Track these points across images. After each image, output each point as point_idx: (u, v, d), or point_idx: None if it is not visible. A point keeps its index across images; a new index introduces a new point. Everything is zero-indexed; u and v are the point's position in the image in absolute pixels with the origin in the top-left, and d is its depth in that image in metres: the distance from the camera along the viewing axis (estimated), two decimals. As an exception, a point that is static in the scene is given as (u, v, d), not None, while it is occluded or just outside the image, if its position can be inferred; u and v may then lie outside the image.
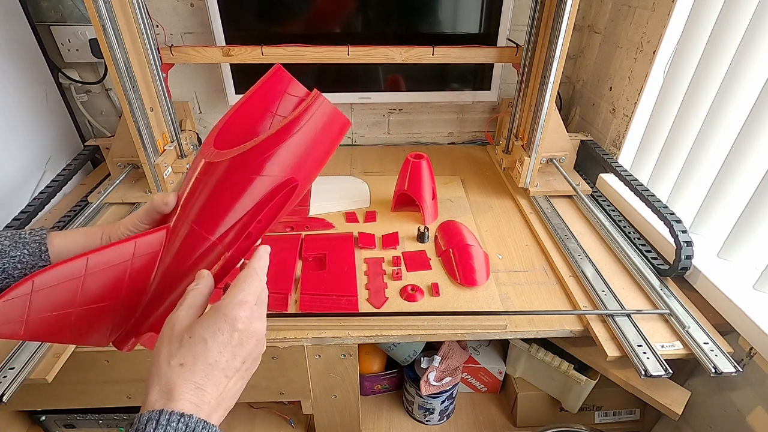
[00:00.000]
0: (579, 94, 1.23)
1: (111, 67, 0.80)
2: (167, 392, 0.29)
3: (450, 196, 0.99)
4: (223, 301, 0.33)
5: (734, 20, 0.71)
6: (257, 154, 0.33)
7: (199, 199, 0.35)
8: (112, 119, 1.22)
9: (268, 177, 0.33)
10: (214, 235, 0.35)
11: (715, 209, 0.77)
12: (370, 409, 0.98)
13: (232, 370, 0.32)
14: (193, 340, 0.31)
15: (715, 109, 0.75)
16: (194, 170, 0.35)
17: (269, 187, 0.33)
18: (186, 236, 0.35)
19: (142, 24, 0.84)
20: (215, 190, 0.34)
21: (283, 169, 0.33)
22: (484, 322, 0.68)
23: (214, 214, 0.34)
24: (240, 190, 0.33)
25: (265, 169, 0.33)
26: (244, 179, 0.33)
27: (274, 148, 0.33)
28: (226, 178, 0.33)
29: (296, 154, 0.33)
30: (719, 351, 0.61)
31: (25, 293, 0.33)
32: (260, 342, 0.34)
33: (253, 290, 0.34)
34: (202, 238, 0.35)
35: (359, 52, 0.96)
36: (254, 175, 0.33)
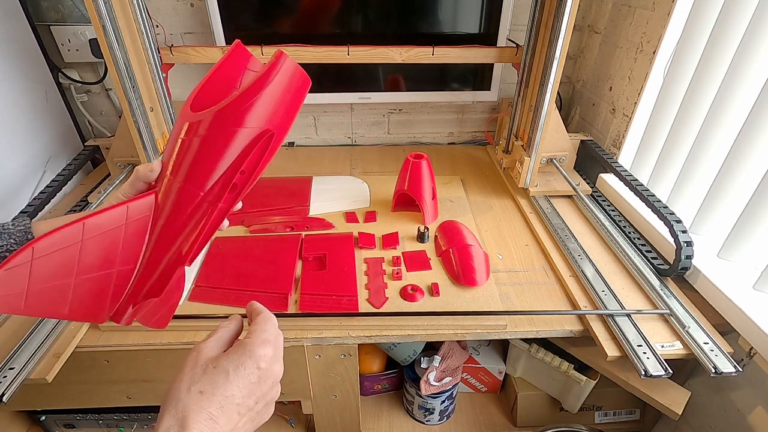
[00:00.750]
0: (579, 94, 1.23)
1: (111, 67, 0.80)
2: (181, 419, 0.29)
3: (450, 196, 0.99)
4: (248, 340, 0.34)
5: (734, 20, 0.71)
6: (237, 106, 0.36)
7: (186, 159, 0.37)
8: (112, 119, 1.22)
9: (247, 129, 0.36)
10: (203, 190, 0.37)
11: (715, 209, 0.77)
12: (370, 409, 0.98)
13: (246, 408, 0.32)
14: (216, 370, 0.32)
15: (715, 109, 0.75)
16: (177, 135, 0.38)
17: (249, 138, 0.37)
18: (177, 195, 0.37)
19: (142, 24, 0.84)
20: (201, 147, 0.37)
21: (260, 120, 0.37)
22: (484, 322, 0.68)
23: (202, 169, 0.37)
24: (224, 143, 0.36)
25: (245, 122, 0.36)
26: (226, 133, 0.36)
27: (251, 99, 0.36)
28: (210, 134, 0.36)
29: (270, 106, 0.37)
30: (719, 351, 0.61)
31: (25, 261, 0.32)
32: (275, 385, 0.35)
33: (273, 332, 0.36)
34: (192, 194, 0.37)
35: (359, 52, 0.96)
36: (236, 127, 0.36)
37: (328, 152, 1.24)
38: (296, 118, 0.40)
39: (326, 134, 1.30)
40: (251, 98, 0.36)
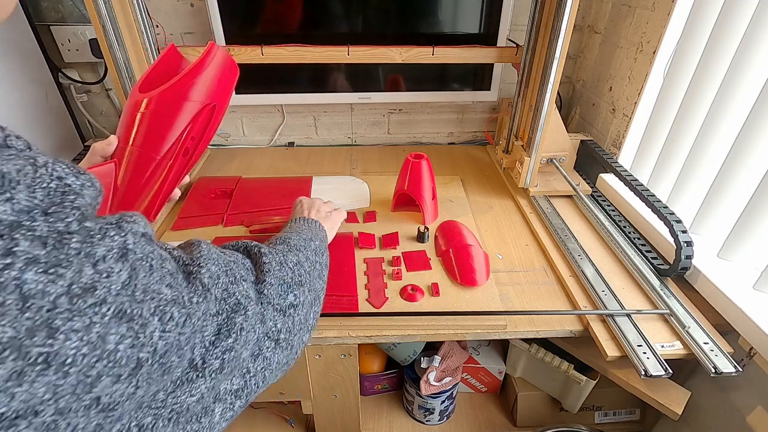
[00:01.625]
0: (579, 94, 1.23)
1: (111, 67, 0.80)
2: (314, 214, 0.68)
3: (450, 196, 0.99)
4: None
5: (734, 20, 0.71)
6: (184, 83, 0.45)
7: (143, 129, 0.44)
8: (112, 119, 1.22)
9: (193, 102, 0.45)
10: (159, 154, 0.44)
11: (715, 209, 0.77)
12: (370, 409, 0.98)
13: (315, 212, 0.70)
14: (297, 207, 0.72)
15: (715, 109, 0.75)
16: (132, 111, 0.44)
17: (195, 110, 0.45)
18: (136, 160, 0.44)
19: (142, 24, 0.84)
20: (156, 118, 0.44)
21: (202, 95, 0.46)
22: (484, 322, 0.68)
23: (157, 137, 0.44)
24: (175, 113, 0.44)
25: (190, 95, 0.45)
26: (177, 105, 0.44)
27: (195, 77, 0.45)
28: (163, 106, 0.44)
29: (209, 84, 0.46)
30: (719, 351, 0.61)
31: None
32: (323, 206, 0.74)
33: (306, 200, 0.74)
34: (150, 159, 0.44)
35: (359, 52, 0.96)
36: (183, 101, 0.44)
37: (328, 152, 1.24)
38: (295, 118, 0.50)
39: (326, 134, 1.30)
40: (195, 76, 0.45)
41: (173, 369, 0.26)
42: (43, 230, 0.20)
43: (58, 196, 0.21)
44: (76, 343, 0.20)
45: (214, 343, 0.29)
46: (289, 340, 0.38)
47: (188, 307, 0.27)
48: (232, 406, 0.33)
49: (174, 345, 0.25)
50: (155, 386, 0.26)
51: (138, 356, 0.23)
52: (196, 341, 0.28)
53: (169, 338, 0.25)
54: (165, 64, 0.48)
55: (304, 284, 0.42)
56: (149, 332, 0.24)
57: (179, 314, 0.26)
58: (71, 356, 0.20)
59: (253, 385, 0.35)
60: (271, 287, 0.38)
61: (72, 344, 0.20)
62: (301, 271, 0.43)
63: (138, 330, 0.23)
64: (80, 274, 0.20)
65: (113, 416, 0.23)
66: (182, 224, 0.87)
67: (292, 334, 0.38)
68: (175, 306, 0.26)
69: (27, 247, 0.19)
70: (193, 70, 0.45)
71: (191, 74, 0.45)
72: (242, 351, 0.32)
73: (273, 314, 0.37)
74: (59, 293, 0.19)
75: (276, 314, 0.37)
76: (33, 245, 0.19)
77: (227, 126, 1.26)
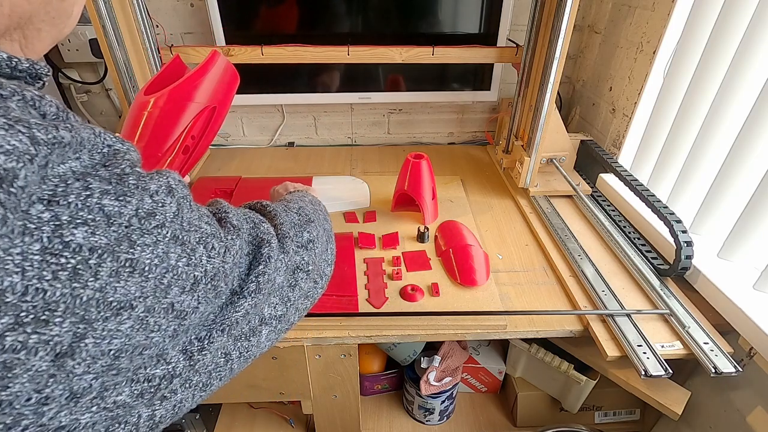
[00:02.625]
0: (579, 94, 1.23)
1: (111, 67, 0.80)
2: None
3: (450, 196, 0.99)
4: None
5: (734, 20, 0.71)
6: (188, 84, 0.48)
7: (146, 128, 0.46)
8: (112, 119, 1.22)
9: (195, 103, 0.48)
10: (162, 152, 0.47)
11: (715, 209, 0.77)
12: (370, 409, 0.98)
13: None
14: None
15: (715, 109, 0.75)
16: (138, 112, 0.47)
17: (197, 111, 0.48)
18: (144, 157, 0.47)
19: (142, 24, 0.84)
20: (159, 117, 0.47)
21: (205, 97, 0.49)
22: (484, 322, 0.68)
23: (160, 135, 0.47)
24: (178, 113, 0.47)
25: (194, 97, 0.48)
26: (181, 105, 0.47)
27: (199, 80, 0.49)
28: (167, 106, 0.47)
29: (211, 88, 0.49)
30: (719, 351, 0.61)
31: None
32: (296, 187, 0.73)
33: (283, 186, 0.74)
34: (153, 157, 0.47)
35: (359, 52, 0.97)
36: (187, 101, 0.48)
37: (328, 152, 1.24)
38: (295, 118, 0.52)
39: (326, 134, 1.30)
40: (198, 79, 0.48)
41: (221, 294, 0.32)
42: (105, 174, 0.25)
43: (111, 155, 0.27)
44: (149, 255, 0.26)
45: (248, 273, 0.36)
46: (316, 270, 0.46)
47: (225, 241, 0.33)
48: (276, 329, 0.40)
49: (220, 271, 0.31)
50: (210, 306, 0.31)
51: (194, 274, 0.29)
52: (235, 274, 0.34)
53: (215, 263, 0.31)
54: (169, 73, 0.51)
55: (312, 221, 0.49)
56: (198, 256, 0.29)
57: (219, 245, 0.32)
58: (147, 264, 0.26)
59: (293, 312, 0.42)
60: (283, 226, 0.44)
61: (146, 255, 0.25)
62: (305, 212, 0.50)
63: (190, 253, 0.29)
64: (142, 202, 0.26)
65: (184, 325, 0.29)
66: None
67: (317, 265, 0.46)
68: (215, 239, 0.31)
69: (98, 184, 0.24)
70: (197, 73, 0.48)
71: (195, 77, 0.48)
72: (275, 275, 0.38)
73: (296, 248, 0.44)
74: (131, 214, 0.25)
75: (300, 249, 0.44)
76: (102, 183, 0.24)
77: (227, 126, 1.26)
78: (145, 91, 0.49)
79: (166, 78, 0.50)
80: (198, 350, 0.31)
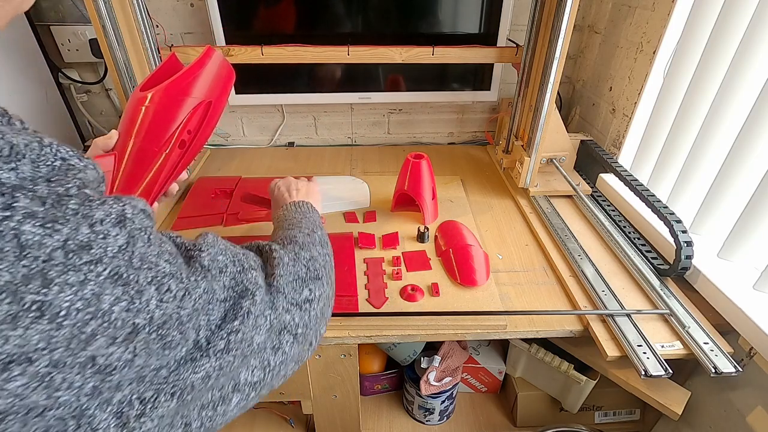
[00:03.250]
0: (579, 94, 1.23)
1: (111, 67, 0.80)
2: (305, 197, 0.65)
3: (450, 196, 0.99)
4: None
5: (734, 20, 0.71)
6: (184, 78, 0.48)
7: (143, 123, 0.46)
8: (112, 119, 1.22)
9: (192, 98, 0.48)
10: (159, 146, 0.46)
11: (715, 209, 0.77)
12: (370, 409, 0.98)
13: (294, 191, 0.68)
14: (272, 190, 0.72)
15: (715, 109, 0.75)
16: (136, 107, 0.46)
17: (193, 105, 0.48)
18: (136, 152, 0.46)
19: (142, 24, 0.84)
20: (155, 112, 0.46)
21: (201, 91, 0.49)
22: (484, 322, 0.68)
23: (156, 130, 0.46)
24: (174, 107, 0.47)
25: (189, 91, 0.48)
26: (177, 99, 0.47)
27: (195, 74, 0.49)
28: (163, 100, 0.46)
29: (208, 81, 0.49)
30: (719, 351, 0.61)
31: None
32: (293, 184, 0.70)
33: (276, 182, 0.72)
34: (149, 151, 0.46)
35: (359, 52, 0.96)
36: (183, 96, 0.47)
37: (328, 152, 1.24)
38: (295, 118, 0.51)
39: (326, 134, 1.30)
40: (194, 73, 0.49)
41: (175, 345, 0.27)
42: (44, 192, 0.21)
43: (63, 171, 0.23)
44: (69, 296, 0.21)
45: (220, 326, 0.30)
46: (306, 335, 0.39)
47: (186, 283, 0.28)
48: (248, 397, 0.34)
49: (173, 318, 0.26)
50: (156, 359, 0.26)
51: (134, 321, 0.24)
52: (201, 323, 0.29)
53: (166, 309, 0.26)
54: (165, 70, 0.51)
55: (321, 278, 0.43)
56: (145, 299, 0.25)
57: (177, 288, 0.27)
58: (65, 309, 0.21)
59: (271, 379, 0.36)
60: (282, 278, 0.38)
61: (66, 297, 0.21)
62: (315, 266, 0.44)
63: (134, 295, 0.24)
64: (76, 232, 0.22)
65: (111, 382, 0.24)
66: (182, 224, 0.87)
67: (308, 328, 0.40)
68: (172, 279, 0.27)
69: (26, 204, 0.20)
70: (193, 68, 0.49)
71: (190, 72, 0.48)
72: (253, 335, 0.32)
73: (288, 306, 0.38)
74: (55, 246, 0.21)
75: (292, 308, 0.38)
76: (32, 203, 0.20)
77: (227, 126, 1.26)
78: (141, 87, 0.49)
79: (162, 75, 0.50)
80: (137, 416, 0.25)
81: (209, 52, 0.50)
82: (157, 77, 0.50)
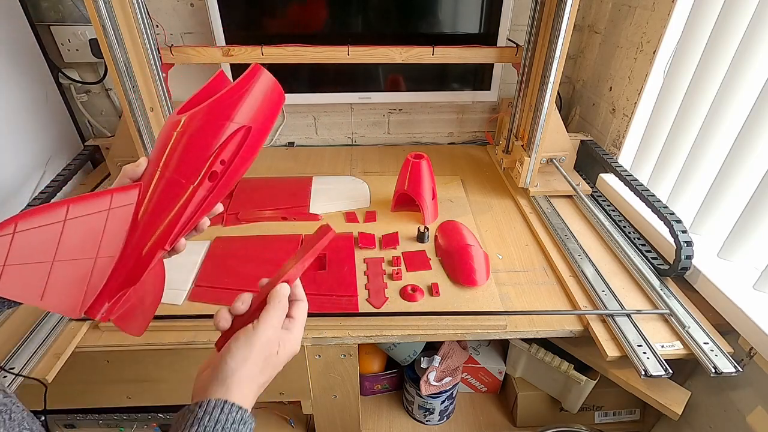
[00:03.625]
0: (579, 94, 1.23)
1: (111, 67, 0.80)
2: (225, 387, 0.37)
3: (450, 196, 0.99)
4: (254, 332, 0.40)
5: (734, 20, 0.71)
6: (226, 100, 0.40)
7: (172, 152, 0.40)
8: (112, 119, 1.22)
9: (233, 123, 0.40)
10: (186, 178, 0.40)
11: (715, 209, 0.77)
12: (370, 409, 0.98)
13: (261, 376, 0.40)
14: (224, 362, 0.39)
15: (715, 109, 0.75)
16: (169, 132, 0.41)
17: (231, 132, 0.40)
18: (164, 184, 0.40)
19: (142, 24, 0.84)
20: (189, 140, 0.40)
21: (246, 118, 0.41)
22: (484, 322, 0.68)
23: (187, 159, 0.40)
24: (210, 134, 0.40)
25: (233, 115, 0.40)
26: (215, 125, 0.40)
27: (240, 93, 0.41)
28: (198, 127, 0.40)
29: (253, 106, 0.41)
30: (719, 351, 0.61)
31: (7, 233, 0.32)
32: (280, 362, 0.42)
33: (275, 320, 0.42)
34: (177, 183, 0.40)
35: (359, 52, 0.96)
36: (224, 120, 0.40)
37: (328, 152, 1.24)
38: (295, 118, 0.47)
39: (326, 134, 1.30)
40: (238, 94, 0.41)
41: None
42: None
43: None
44: None
45: None
46: None
47: None
48: None
49: None
50: None
51: None
52: None
53: None
54: (210, 89, 0.45)
55: None
56: None
57: None
58: None
59: None
60: None
61: None
62: None
63: None
64: None
65: None
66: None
67: None
68: None
69: None
70: (236, 87, 0.41)
71: (233, 91, 0.41)
72: None
73: None
74: None
75: None
76: None
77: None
78: (180, 110, 0.43)
79: (205, 95, 0.44)
80: None
81: (256, 70, 0.42)
82: (200, 97, 0.44)
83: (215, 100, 0.40)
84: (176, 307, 0.69)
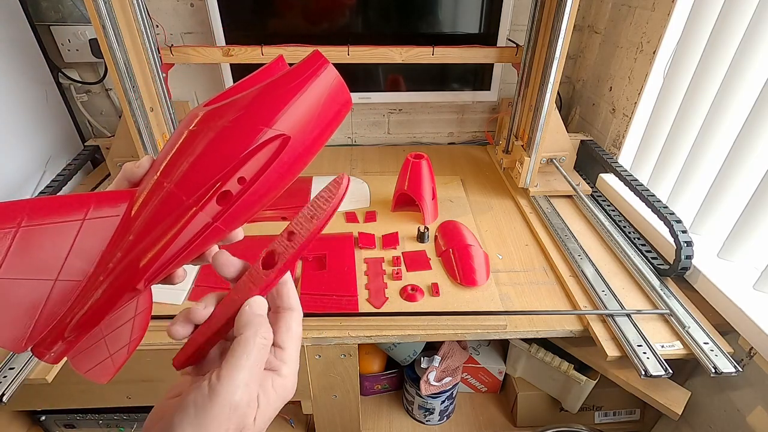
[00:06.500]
0: (579, 94, 1.23)
1: (111, 67, 0.80)
2: None
3: (450, 196, 0.99)
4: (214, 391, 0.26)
5: (734, 20, 0.71)
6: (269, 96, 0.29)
7: (179, 156, 0.29)
8: (112, 119, 1.22)
9: (273, 130, 0.29)
10: (189, 195, 0.28)
11: (715, 209, 0.77)
12: (370, 409, 0.98)
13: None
14: None
15: (715, 109, 0.75)
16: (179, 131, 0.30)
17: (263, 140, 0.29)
18: (162, 197, 0.28)
19: (142, 24, 0.84)
20: (206, 142, 0.28)
21: (289, 125, 0.29)
22: (484, 322, 0.68)
23: (197, 171, 0.28)
24: (237, 140, 0.28)
25: (274, 120, 0.28)
26: (248, 129, 0.28)
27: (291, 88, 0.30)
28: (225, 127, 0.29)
29: (306, 111, 0.30)
30: (719, 351, 0.61)
31: None
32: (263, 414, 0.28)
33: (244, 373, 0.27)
34: (177, 200, 0.28)
35: (359, 52, 0.96)
36: (262, 125, 0.28)
37: (328, 152, 1.24)
38: None
39: (326, 134, 1.29)
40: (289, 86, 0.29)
41: None
42: None
43: None
44: None
45: None
46: None
47: None
48: None
49: None
50: None
51: None
52: None
53: None
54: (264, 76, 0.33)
55: None
56: None
57: None
58: None
59: None
60: None
61: None
62: None
63: None
64: None
65: None
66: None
67: None
68: None
69: None
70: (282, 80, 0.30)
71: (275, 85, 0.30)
72: None
73: None
74: None
75: None
76: None
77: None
78: (215, 99, 0.32)
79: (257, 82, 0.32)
80: None
81: (317, 59, 0.31)
82: (247, 84, 0.32)
83: (259, 91, 0.29)
84: (176, 307, 0.69)
